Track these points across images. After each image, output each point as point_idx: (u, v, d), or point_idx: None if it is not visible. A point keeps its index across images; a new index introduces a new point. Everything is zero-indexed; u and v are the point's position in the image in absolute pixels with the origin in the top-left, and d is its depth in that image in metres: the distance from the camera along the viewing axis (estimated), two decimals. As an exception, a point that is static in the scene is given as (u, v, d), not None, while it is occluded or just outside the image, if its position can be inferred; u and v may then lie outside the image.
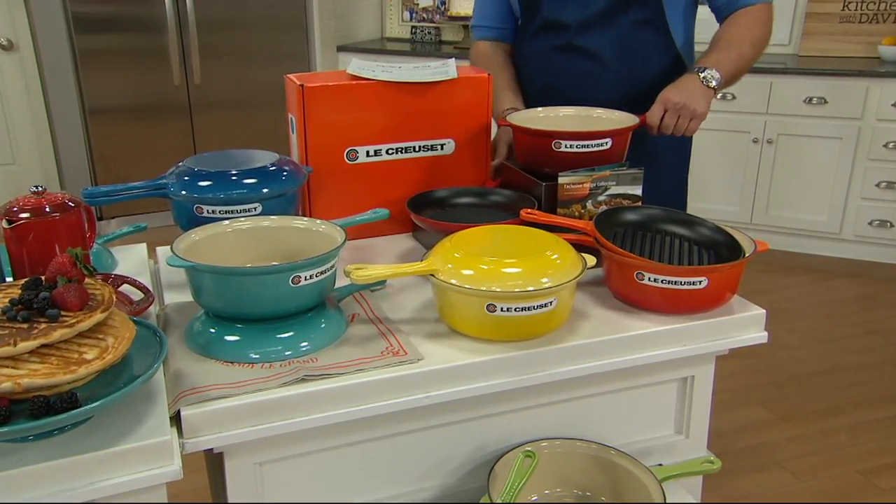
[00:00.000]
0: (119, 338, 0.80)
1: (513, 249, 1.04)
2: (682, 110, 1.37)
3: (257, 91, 4.10)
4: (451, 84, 1.35)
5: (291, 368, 0.95)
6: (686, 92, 1.38)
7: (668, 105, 1.38)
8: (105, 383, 0.80)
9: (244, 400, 0.89)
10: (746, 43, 1.46)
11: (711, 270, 1.08)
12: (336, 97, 1.29)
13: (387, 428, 1.00)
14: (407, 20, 4.52)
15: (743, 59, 1.46)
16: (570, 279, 1.00)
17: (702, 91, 1.39)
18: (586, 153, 1.27)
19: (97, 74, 3.78)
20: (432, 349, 1.01)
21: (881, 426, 2.36)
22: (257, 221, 1.11)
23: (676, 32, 1.51)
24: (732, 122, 3.61)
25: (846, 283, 3.41)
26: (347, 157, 1.33)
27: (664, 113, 1.38)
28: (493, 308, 0.98)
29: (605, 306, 1.14)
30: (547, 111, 1.43)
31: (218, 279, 0.97)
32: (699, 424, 1.21)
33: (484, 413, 1.05)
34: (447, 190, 1.37)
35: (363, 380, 0.94)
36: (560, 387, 1.07)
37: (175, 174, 1.19)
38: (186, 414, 0.85)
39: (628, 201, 1.27)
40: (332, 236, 1.07)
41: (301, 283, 0.97)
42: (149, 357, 0.85)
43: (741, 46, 1.46)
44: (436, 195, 1.36)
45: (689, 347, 1.10)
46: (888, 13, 3.65)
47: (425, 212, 1.31)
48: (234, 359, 0.97)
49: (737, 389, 2.54)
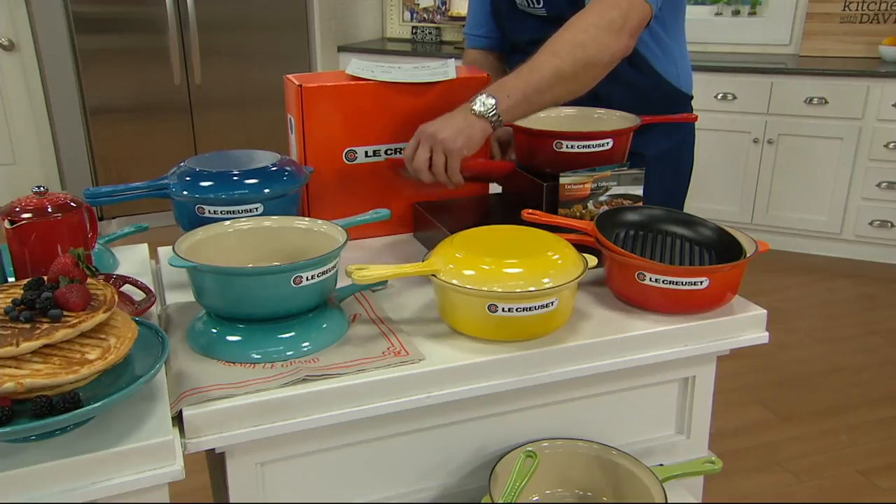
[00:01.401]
0: (121, 338, 0.80)
1: (514, 250, 1.04)
2: (432, 142, 1.15)
3: (258, 91, 4.10)
4: (449, 84, 1.35)
5: (293, 368, 0.95)
6: (442, 120, 1.16)
7: (420, 135, 1.17)
8: (107, 383, 0.80)
9: (246, 400, 0.89)
10: (565, 51, 1.19)
11: (712, 271, 1.08)
12: (335, 98, 1.29)
13: (388, 428, 1.00)
14: (407, 20, 4.52)
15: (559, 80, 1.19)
16: (571, 279, 1.00)
17: (463, 120, 1.15)
18: (587, 153, 1.27)
19: (98, 74, 3.78)
20: (434, 349, 1.01)
21: (882, 426, 2.37)
22: (259, 222, 1.11)
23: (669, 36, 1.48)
24: (733, 122, 3.62)
25: (847, 284, 3.41)
26: (346, 158, 1.33)
27: (416, 145, 1.17)
28: (495, 308, 0.99)
29: (606, 306, 1.14)
30: (548, 111, 1.43)
31: (219, 279, 0.97)
32: (700, 424, 1.21)
33: (485, 413, 1.06)
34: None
35: (364, 380, 0.94)
36: (561, 387, 1.07)
37: (176, 174, 1.19)
38: (188, 414, 0.85)
39: (629, 201, 1.27)
40: (333, 237, 1.07)
41: (302, 284, 0.97)
42: (151, 357, 0.85)
43: (550, 64, 1.19)
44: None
45: (690, 348, 1.10)
46: (889, 13, 3.65)
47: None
48: (236, 359, 0.97)
49: (738, 389, 2.54)
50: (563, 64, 1.18)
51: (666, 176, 1.52)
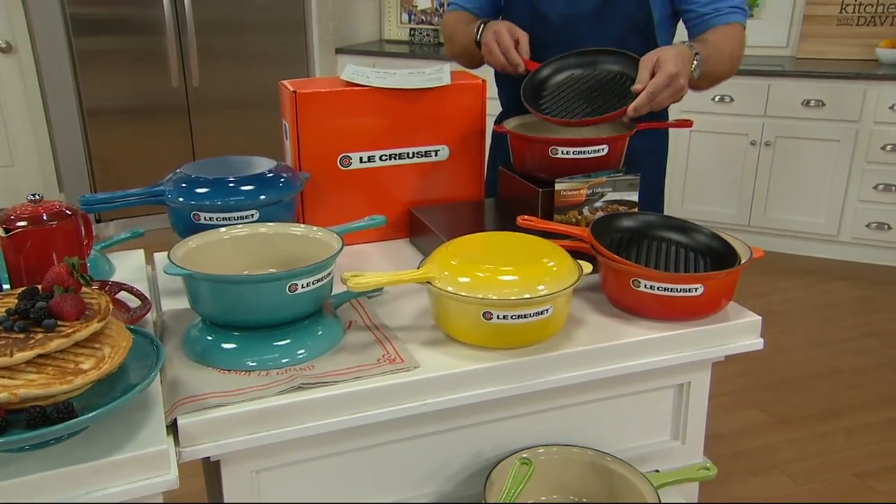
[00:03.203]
0: (115, 347, 0.80)
1: (509, 257, 1.04)
2: (673, 81, 1.23)
3: (256, 93, 4.10)
4: (444, 90, 1.36)
5: (288, 376, 0.95)
6: (681, 62, 1.24)
7: (667, 71, 1.22)
8: (101, 393, 0.80)
9: (241, 408, 0.89)
10: (727, 52, 1.42)
11: (707, 278, 1.08)
12: (329, 103, 1.29)
13: (383, 435, 1.00)
14: (405, 22, 4.52)
15: (719, 66, 1.41)
16: (566, 287, 1.00)
17: (689, 70, 1.27)
18: (583, 159, 1.28)
19: (95, 76, 3.78)
20: (429, 356, 1.01)
21: (878, 429, 2.37)
22: (254, 228, 1.11)
23: (661, 42, 1.50)
24: (730, 124, 3.62)
25: (843, 286, 3.42)
26: (341, 164, 1.33)
27: (659, 79, 1.22)
28: (490, 315, 0.99)
29: (601, 313, 1.14)
30: None
31: (214, 287, 0.97)
32: (695, 430, 1.21)
33: (480, 420, 1.06)
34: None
35: (360, 387, 0.94)
36: (556, 393, 1.07)
37: (172, 181, 1.19)
38: (183, 423, 0.86)
39: (624, 207, 1.27)
40: (328, 243, 1.07)
41: (298, 291, 0.97)
42: (145, 366, 0.85)
43: (722, 53, 1.40)
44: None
45: (685, 354, 1.10)
46: (885, 16, 3.65)
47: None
48: (231, 367, 0.97)
49: (734, 392, 2.54)
50: (728, 70, 1.46)
51: (641, 177, 1.53)
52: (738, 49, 1.45)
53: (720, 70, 1.43)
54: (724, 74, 1.45)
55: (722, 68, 1.43)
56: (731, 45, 1.43)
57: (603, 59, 1.41)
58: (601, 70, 1.41)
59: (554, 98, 1.40)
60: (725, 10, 1.45)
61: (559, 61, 1.43)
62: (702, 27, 1.46)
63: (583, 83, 1.41)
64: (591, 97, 1.37)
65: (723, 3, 1.45)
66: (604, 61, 1.41)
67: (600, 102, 1.35)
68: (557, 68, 1.43)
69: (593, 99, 1.37)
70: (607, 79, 1.40)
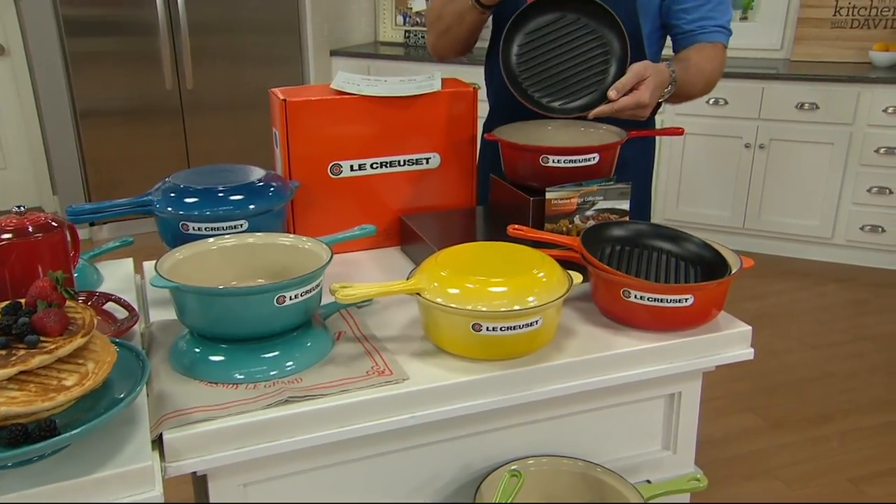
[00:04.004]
0: (99, 363, 0.79)
1: (499, 267, 1.04)
2: (638, 109, 1.28)
3: (250, 95, 4.09)
4: (435, 97, 1.35)
5: (276, 389, 0.94)
6: (657, 93, 1.30)
7: (639, 98, 1.26)
8: (85, 408, 0.79)
9: (228, 422, 0.88)
10: (704, 76, 1.45)
11: (697, 288, 1.08)
12: (319, 112, 1.29)
13: (372, 448, 1.00)
14: (400, 24, 4.51)
15: (694, 89, 1.44)
16: (555, 298, 1.00)
17: (657, 98, 1.31)
18: (574, 168, 1.27)
19: (89, 78, 3.77)
20: (418, 368, 1.00)
21: (872, 433, 2.37)
22: (242, 239, 1.10)
23: (649, 53, 1.50)
24: (724, 127, 3.62)
25: (837, 288, 3.42)
26: (331, 172, 1.33)
27: (628, 102, 1.26)
28: (479, 327, 0.98)
29: (591, 323, 1.13)
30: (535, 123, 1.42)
31: (202, 300, 0.96)
32: (686, 440, 1.21)
33: (470, 432, 1.05)
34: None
35: (348, 400, 0.93)
36: (546, 405, 1.07)
37: (161, 190, 1.18)
38: (168, 438, 0.85)
39: (616, 216, 1.27)
40: (317, 254, 1.07)
41: (286, 303, 0.96)
42: (130, 380, 0.85)
43: (700, 76, 1.44)
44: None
45: (676, 365, 1.09)
46: (879, 18, 3.66)
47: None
48: (219, 380, 0.96)
49: (727, 396, 2.54)
50: (701, 91, 1.48)
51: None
52: (716, 72, 1.49)
53: (693, 92, 1.47)
54: (695, 96, 1.49)
55: (696, 91, 1.47)
56: (710, 68, 1.47)
57: (588, 9, 1.38)
58: (583, 26, 1.38)
59: (532, 57, 1.39)
60: (710, 28, 1.47)
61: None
62: (686, 42, 1.49)
63: (562, 39, 1.38)
64: (567, 64, 1.37)
65: (708, 22, 1.47)
66: (590, 13, 1.38)
67: (574, 73, 1.37)
68: (546, 9, 1.40)
69: (568, 71, 1.37)
70: (587, 42, 1.38)
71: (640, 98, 1.27)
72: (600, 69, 1.37)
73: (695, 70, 1.44)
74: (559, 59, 1.38)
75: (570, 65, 1.38)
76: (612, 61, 1.37)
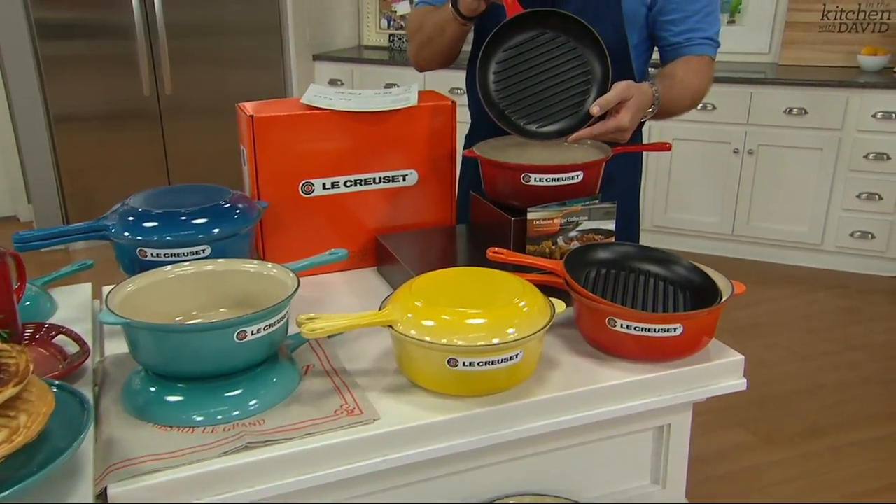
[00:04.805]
0: (34, 415, 0.72)
1: (477, 297, 0.97)
2: (618, 133, 1.24)
3: (231, 100, 3.96)
4: (412, 111, 1.29)
5: (235, 433, 0.87)
6: (638, 116, 1.25)
7: (620, 122, 1.22)
8: (17, 466, 0.72)
9: (180, 473, 0.81)
10: (691, 92, 1.41)
11: (687, 317, 1.02)
12: (289, 128, 1.22)
13: (341, 494, 0.93)
14: (384, 28, 4.44)
15: (679, 105, 1.41)
16: (536, 330, 0.94)
17: (637, 121, 1.27)
18: (557, 186, 1.21)
19: (63, 83, 3.66)
20: (390, 406, 0.94)
21: (864, 448, 2.32)
22: (201, 266, 1.03)
23: (636, 65, 1.45)
24: (712, 132, 3.58)
25: (827, 296, 3.38)
26: (303, 191, 1.26)
27: (609, 125, 1.22)
28: (455, 363, 0.92)
29: (575, 352, 1.07)
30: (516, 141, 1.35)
31: (155, 336, 0.89)
32: (676, 473, 1.14)
33: (446, 472, 0.99)
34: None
35: (313, 445, 0.87)
36: (528, 442, 1.01)
37: (118, 213, 1.11)
38: (113, 492, 0.78)
39: (601, 237, 1.21)
40: (283, 281, 1.00)
41: (247, 339, 0.90)
42: (73, 429, 0.78)
43: (686, 92, 1.40)
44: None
45: (664, 398, 1.03)
46: (867, 22, 3.62)
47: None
48: (174, 423, 0.89)
49: (717, 410, 2.49)
50: (688, 106, 1.45)
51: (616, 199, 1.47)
52: (703, 86, 1.45)
53: (679, 109, 1.43)
54: (682, 112, 1.45)
55: (682, 107, 1.43)
56: (697, 83, 1.43)
57: (570, 28, 1.30)
58: (564, 44, 1.31)
59: (510, 76, 1.31)
60: (698, 40, 1.42)
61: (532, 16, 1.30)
62: (673, 54, 1.44)
63: (543, 57, 1.31)
64: (546, 84, 1.31)
65: (695, 34, 1.42)
66: (572, 32, 1.30)
67: (553, 94, 1.31)
68: (527, 25, 1.32)
69: (547, 92, 1.31)
70: (567, 61, 1.31)
71: (620, 122, 1.22)
72: (580, 90, 1.30)
73: (680, 87, 1.39)
74: (538, 78, 1.30)
75: (548, 85, 1.30)
76: (592, 83, 1.30)
